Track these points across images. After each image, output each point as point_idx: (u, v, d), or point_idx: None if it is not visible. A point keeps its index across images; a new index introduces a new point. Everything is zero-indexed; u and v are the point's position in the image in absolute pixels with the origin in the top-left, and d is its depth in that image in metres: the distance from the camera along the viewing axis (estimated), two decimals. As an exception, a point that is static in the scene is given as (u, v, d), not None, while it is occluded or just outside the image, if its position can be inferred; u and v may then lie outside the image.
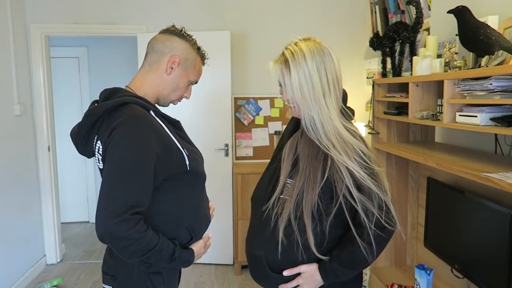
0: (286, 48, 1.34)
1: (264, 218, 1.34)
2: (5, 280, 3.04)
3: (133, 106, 1.24)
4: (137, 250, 1.16)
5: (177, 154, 1.27)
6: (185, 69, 1.36)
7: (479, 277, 1.77)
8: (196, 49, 1.39)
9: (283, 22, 3.74)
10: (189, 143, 1.42)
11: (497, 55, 1.71)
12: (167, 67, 1.33)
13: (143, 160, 1.18)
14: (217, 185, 3.56)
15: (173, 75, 1.35)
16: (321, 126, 1.25)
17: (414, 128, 2.45)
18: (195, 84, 1.44)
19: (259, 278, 1.45)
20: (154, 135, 1.21)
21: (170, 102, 1.42)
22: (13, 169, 3.20)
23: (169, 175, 1.26)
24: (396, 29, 2.35)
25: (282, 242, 1.29)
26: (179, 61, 1.34)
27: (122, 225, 1.13)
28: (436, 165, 1.74)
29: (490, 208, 1.68)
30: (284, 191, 1.31)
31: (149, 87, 1.35)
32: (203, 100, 3.57)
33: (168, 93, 1.38)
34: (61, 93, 4.67)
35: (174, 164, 1.27)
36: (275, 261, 1.34)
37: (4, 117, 3.11)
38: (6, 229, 3.07)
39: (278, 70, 1.30)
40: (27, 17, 3.50)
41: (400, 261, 2.59)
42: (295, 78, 1.26)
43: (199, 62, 1.41)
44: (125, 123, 1.18)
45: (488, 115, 1.48)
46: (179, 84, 1.37)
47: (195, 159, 1.36)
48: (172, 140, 1.28)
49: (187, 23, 3.76)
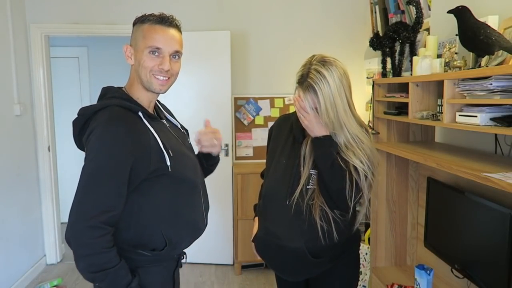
0: (309, 75, 1.41)
1: (293, 211, 1.46)
2: (5, 280, 3.04)
3: (113, 109, 1.23)
4: (94, 263, 1.15)
5: (157, 154, 1.24)
6: (137, 47, 1.29)
7: (479, 277, 1.77)
8: (142, 23, 1.30)
9: (283, 22, 3.74)
10: (183, 148, 1.38)
11: (497, 55, 1.71)
12: (126, 58, 1.32)
13: (117, 162, 1.17)
14: (217, 185, 3.55)
15: (134, 59, 1.31)
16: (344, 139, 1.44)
17: (414, 128, 2.45)
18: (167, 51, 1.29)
19: (295, 270, 1.54)
20: (132, 136, 1.20)
21: (149, 82, 1.30)
22: (13, 169, 3.20)
23: (149, 176, 1.23)
24: (396, 29, 2.35)
25: (323, 230, 1.44)
26: (130, 46, 1.32)
27: (89, 231, 1.14)
28: (436, 165, 1.74)
29: (490, 208, 1.68)
30: (310, 182, 1.47)
31: (132, 82, 1.34)
32: (203, 100, 3.57)
33: (141, 76, 1.29)
34: (61, 93, 4.67)
35: (154, 165, 1.23)
36: (315, 249, 1.47)
37: (4, 117, 3.11)
38: (6, 229, 3.07)
39: (309, 99, 1.41)
40: (27, 17, 3.50)
41: (400, 261, 2.59)
42: (323, 104, 1.39)
43: (147, 28, 1.29)
44: (100, 126, 1.20)
45: (488, 115, 1.48)
46: (140, 61, 1.28)
47: (181, 163, 1.31)
48: (155, 140, 1.25)
49: (187, 23, 3.75)
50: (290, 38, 3.74)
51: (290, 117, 1.66)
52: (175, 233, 1.31)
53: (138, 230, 1.27)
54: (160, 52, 1.28)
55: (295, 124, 1.58)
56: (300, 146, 1.53)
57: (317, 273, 1.56)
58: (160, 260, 1.33)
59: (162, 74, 1.29)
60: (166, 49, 1.28)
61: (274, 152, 1.64)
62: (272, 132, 1.73)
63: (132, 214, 1.25)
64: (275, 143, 1.66)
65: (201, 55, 3.50)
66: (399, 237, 2.56)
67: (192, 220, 1.37)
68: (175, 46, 1.31)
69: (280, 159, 1.58)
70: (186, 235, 1.36)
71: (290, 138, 1.59)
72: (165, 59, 1.28)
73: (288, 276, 1.62)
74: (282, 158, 1.58)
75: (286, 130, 1.63)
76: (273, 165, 1.62)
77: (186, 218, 1.35)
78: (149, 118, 1.30)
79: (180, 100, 3.49)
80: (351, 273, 1.64)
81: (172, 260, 1.40)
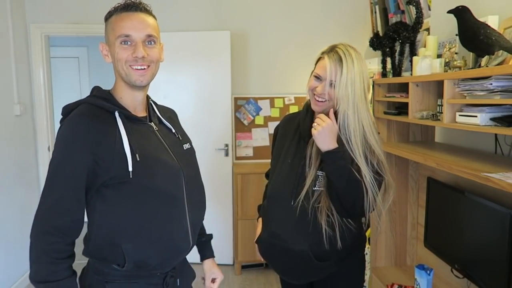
0: (338, 48, 1.42)
1: (299, 212, 1.43)
2: (5, 280, 3.04)
3: (82, 106, 1.18)
4: (39, 272, 1.09)
5: (119, 157, 1.12)
6: (109, 42, 1.21)
7: (479, 277, 1.77)
8: (109, 17, 1.22)
9: (283, 22, 3.74)
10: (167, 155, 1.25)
11: (497, 55, 1.70)
12: (103, 56, 1.25)
13: (74, 163, 1.10)
14: (217, 185, 3.55)
15: (110, 57, 1.22)
16: (352, 124, 1.38)
17: (414, 128, 2.45)
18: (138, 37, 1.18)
19: (300, 273, 1.52)
20: (93, 135, 1.11)
21: (128, 75, 1.20)
22: (13, 169, 3.20)
23: (109, 181, 1.13)
24: (396, 29, 2.35)
25: (327, 234, 1.41)
26: (104, 43, 1.24)
27: (40, 237, 1.10)
28: (436, 165, 1.74)
29: (490, 208, 1.68)
30: (317, 183, 1.43)
31: (116, 81, 1.26)
32: (203, 100, 3.57)
33: (118, 70, 1.21)
34: (61, 93, 4.67)
35: (115, 169, 1.12)
36: (320, 253, 1.45)
37: (4, 117, 3.11)
38: (6, 229, 3.07)
39: (332, 66, 1.38)
40: (27, 17, 3.50)
41: (400, 261, 2.59)
42: (345, 77, 1.36)
43: (114, 19, 1.19)
44: (64, 123, 1.16)
45: (488, 115, 1.48)
46: (114, 55, 1.20)
47: (149, 170, 1.16)
48: (120, 141, 1.14)
49: (187, 23, 3.77)
50: (290, 38, 3.74)
51: (296, 116, 1.64)
52: (136, 250, 1.16)
53: (97, 242, 1.18)
54: (131, 39, 1.17)
55: (302, 123, 1.56)
56: (306, 146, 1.50)
57: (322, 276, 1.53)
58: (132, 276, 1.19)
59: (138, 63, 1.18)
60: (137, 34, 1.17)
61: (279, 152, 1.61)
62: (278, 131, 1.70)
63: (94, 223, 1.17)
64: (281, 143, 1.63)
65: (201, 55, 3.50)
66: (399, 237, 2.56)
67: (163, 237, 1.20)
68: (146, 30, 1.18)
69: (285, 159, 1.56)
70: (154, 253, 1.19)
71: (296, 137, 1.57)
72: (137, 45, 1.17)
73: (293, 279, 1.60)
74: (288, 158, 1.55)
75: (292, 129, 1.61)
76: (279, 165, 1.58)
77: (154, 234, 1.18)
78: (127, 119, 1.19)
79: (180, 100, 3.49)
80: (356, 275, 1.62)
81: (155, 279, 1.23)
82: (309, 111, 1.56)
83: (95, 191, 1.15)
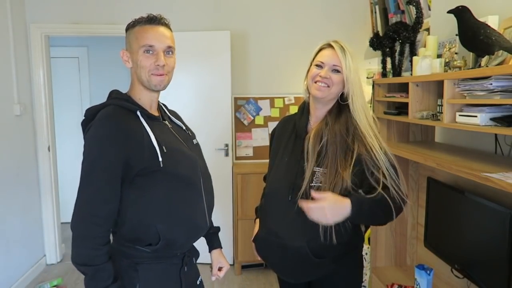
0: (337, 40, 1.53)
1: (296, 208, 1.42)
2: (5, 280, 3.04)
3: (109, 108, 1.31)
4: (80, 255, 1.23)
5: (150, 151, 1.28)
6: (132, 50, 1.36)
7: (479, 277, 1.77)
8: (133, 26, 1.37)
9: (283, 22, 3.74)
10: (182, 146, 1.41)
11: (497, 55, 1.71)
12: (124, 62, 1.39)
13: (108, 157, 1.23)
14: (217, 185, 3.54)
15: (131, 63, 1.37)
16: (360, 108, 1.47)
17: (414, 128, 2.45)
18: (160, 47, 1.33)
19: (296, 271, 1.51)
20: (123, 133, 1.25)
21: (149, 81, 1.35)
22: (13, 169, 3.20)
23: (141, 171, 1.28)
24: (396, 29, 2.35)
25: (324, 228, 1.41)
26: (126, 50, 1.38)
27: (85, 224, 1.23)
28: (436, 165, 1.74)
29: (490, 208, 1.68)
30: (314, 179, 1.43)
31: (133, 84, 1.40)
32: (203, 100, 3.57)
33: (140, 76, 1.35)
34: (61, 93, 4.67)
35: (146, 160, 1.27)
36: (317, 248, 1.45)
37: (4, 117, 3.11)
38: (6, 229, 3.07)
39: (339, 52, 1.48)
40: (27, 17, 3.49)
41: (400, 261, 2.59)
42: (350, 63, 1.47)
43: (140, 30, 1.34)
44: (94, 124, 1.27)
45: (488, 115, 1.48)
46: (136, 62, 1.34)
47: (174, 159, 1.34)
48: (148, 136, 1.30)
49: (187, 23, 3.76)
50: (290, 38, 3.74)
51: (293, 117, 1.66)
52: (169, 229, 1.32)
53: (133, 225, 1.30)
54: (154, 49, 1.33)
55: (298, 122, 1.59)
56: (302, 143, 1.51)
57: (318, 275, 1.53)
58: (159, 257, 1.34)
59: (159, 71, 1.34)
60: (159, 45, 1.33)
61: (276, 151, 1.63)
62: (275, 132, 1.72)
63: (127, 208, 1.30)
64: (278, 142, 1.66)
65: (201, 55, 3.50)
66: (399, 237, 2.56)
67: (189, 217, 1.37)
68: (167, 42, 1.35)
69: (282, 158, 1.57)
70: (181, 232, 1.36)
71: (293, 136, 1.59)
72: (159, 55, 1.33)
73: (289, 278, 1.59)
74: (285, 157, 1.56)
75: (289, 129, 1.63)
76: (276, 163, 1.60)
77: (181, 215, 1.35)
78: (148, 118, 1.35)
79: (180, 100, 3.48)
80: (354, 275, 1.61)
81: (175, 260, 1.40)
82: (305, 111, 1.60)
83: (129, 181, 1.28)
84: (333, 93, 1.49)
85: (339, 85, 1.48)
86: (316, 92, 1.49)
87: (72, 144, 4.50)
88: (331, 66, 1.47)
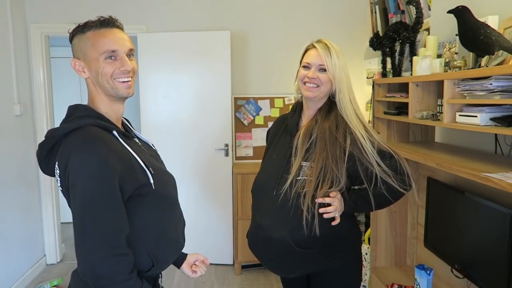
0: (322, 39, 1.57)
1: (280, 200, 1.47)
2: (5, 280, 3.04)
3: (88, 129, 1.15)
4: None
5: (140, 173, 1.19)
6: (88, 58, 1.21)
7: (479, 277, 1.77)
8: (84, 32, 1.22)
9: (283, 22, 3.74)
10: (160, 165, 1.34)
11: (497, 55, 1.71)
12: (78, 73, 1.25)
13: (109, 183, 1.11)
14: (217, 185, 3.55)
15: (88, 72, 1.23)
16: (348, 104, 1.51)
17: (414, 128, 2.45)
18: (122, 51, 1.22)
19: (282, 263, 1.53)
20: (114, 155, 1.13)
21: (115, 89, 1.22)
22: (13, 169, 3.20)
23: (133, 195, 1.18)
24: (396, 29, 2.35)
25: (307, 219, 1.44)
26: (79, 59, 1.23)
27: (106, 260, 1.09)
28: (436, 165, 1.74)
29: (490, 208, 1.68)
30: (300, 173, 1.47)
31: (94, 96, 1.26)
32: (203, 100, 3.57)
33: (103, 85, 1.22)
34: (61, 93, 4.67)
35: (138, 183, 1.18)
36: (300, 238, 1.46)
37: (4, 117, 3.11)
38: (6, 229, 3.07)
39: (322, 51, 1.51)
40: (27, 17, 3.50)
41: (400, 261, 2.59)
42: (335, 60, 1.50)
43: (95, 35, 1.21)
44: (80, 150, 1.11)
45: (488, 115, 1.48)
46: (97, 71, 1.21)
47: (162, 180, 1.27)
48: (134, 158, 1.20)
49: (187, 23, 3.77)
50: (290, 38, 3.74)
51: (287, 116, 1.71)
52: (161, 252, 1.26)
53: None
54: (116, 54, 1.21)
55: (290, 120, 1.63)
56: (292, 139, 1.56)
57: (309, 269, 1.54)
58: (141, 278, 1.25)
59: (125, 75, 1.22)
60: (122, 49, 1.22)
61: (268, 149, 1.71)
62: (269, 133, 1.78)
63: None
64: (270, 142, 1.72)
65: (201, 55, 3.50)
66: (399, 237, 2.56)
67: (175, 237, 1.33)
68: (128, 45, 1.24)
69: (271, 155, 1.63)
70: (169, 253, 1.31)
71: (284, 134, 1.64)
72: (123, 60, 1.22)
73: (278, 271, 1.60)
74: (273, 154, 1.62)
75: (282, 128, 1.68)
76: (265, 161, 1.68)
77: (169, 236, 1.30)
78: (124, 137, 1.24)
79: (180, 100, 3.49)
80: (353, 274, 1.61)
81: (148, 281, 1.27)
82: (297, 109, 1.64)
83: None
84: (323, 91, 1.53)
85: (327, 83, 1.52)
86: (307, 93, 1.54)
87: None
88: (317, 66, 1.52)
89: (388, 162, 1.51)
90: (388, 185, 1.49)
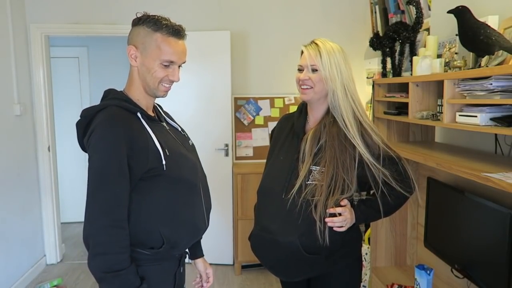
0: (315, 40, 1.54)
1: (289, 205, 1.45)
2: (5, 280, 3.04)
3: (111, 109, 1.27)
4: (107, 263, 1.17)
5: (154, 154, 1.27)
6: (146, 54, 1.31)
7: (479, 277, 1.77)
8: (154, 30, 1.30)
9: (283, 22, 3.74)
10: (183, 149, 1.40)
11: (497, 55, 1.71)
12: (130, 59, 1.34)
13: (120, 159, 1.21)
14: (217, 185, 3.55)
15: (139, 63, 1.32)
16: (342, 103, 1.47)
17: (414, 128, 2.45)
18: (178, 63, 1.35)
19: (289, 267, 1.51)
20: (129, 135, 1.23)
21: (156, 89, 1.35)
22: (13, 169, 3.20)
23: (145, 175, 1.26)
24: (396, 29, 2.35)
25: (320, 228, 1.43)
26: (136, 48, 1.32)
27: (107, 229, 1.18)
28: (436, 165, 1.74)
29: (490, 208, 1.68)
30: (310, 178, 1.45)
31: (132, 83, 1.36)
32: (203, 100, 3.57)
33: (147, 82, 1.33)
34: (61, 93, 4.67)
35: (150, 164, 1.26)
36: (309, 244, 1.45)
37: (4, 117, 3.11)
38: (6, 229, 3.07)
39: (310, 52, 1.49)
40: (27, 17, 3.50)
41: (400, 261, 2.59)
42: (326, 59, 1.47)
43: (163, 40, 1.30)
44: (100, 125, 1.23)
45: (488, 115, 1.48)
46: (149, 69, 1.31)
47: (177, 163, 1.33)
48: (151, 140, 1.28)
49: (187, 23, 3.74)
50: (290, 38, 3.74)
51: (292, 116, 1.67)
52: (172, 232, 1.32)
53: (136, 229, 1.28)
54: (172, 64, 1.33)
55: (296, 122, 1.60)
56: (299, 142, 1.53)
57: (312, 273, 1.53)
58: (159, 259, 1.33)
59: (170, 83, 1.36)
60: (179, 62, 1.34)
61: (273, 150, 1.66)
62: (274, 132, 1.74)
63: (131, 212, 1.27)
64: (275, 141, 1.68)
65: (201, 55, 3.50)
66: (399, 237, 2.56)
67: (191, 219, 1.38)
68: (184, 58, 1.37)
69: (278, 156, 1.60)
70: (184, 234, 1.37)
71: (290, 135, 1.60)
72: (175, 71, 1.34)
73: (282, 275, 1.58)
74: (280, 155, 1.59)
75: (287, 128, 1.64)
76: (271, 161, 1.63)
77: (184, 218, 1.36)
78: (148, 119, 1.33)
79: (180, 100, 3.49)
80: (353, 275, 1.61)
81: (173, 260, 1.39)
82: (303, 110, 1.61)
83: (132, 185, 1.26)
84: (318, 92, 1.50)
85: (321, 83, 1.48)
86: (302, 95, 1.53)
87: (72, 144, 4.44)
88: (309, 67, 1.50)
89: (395, 168, 1.51)
90: (395, 192, 1.51)
